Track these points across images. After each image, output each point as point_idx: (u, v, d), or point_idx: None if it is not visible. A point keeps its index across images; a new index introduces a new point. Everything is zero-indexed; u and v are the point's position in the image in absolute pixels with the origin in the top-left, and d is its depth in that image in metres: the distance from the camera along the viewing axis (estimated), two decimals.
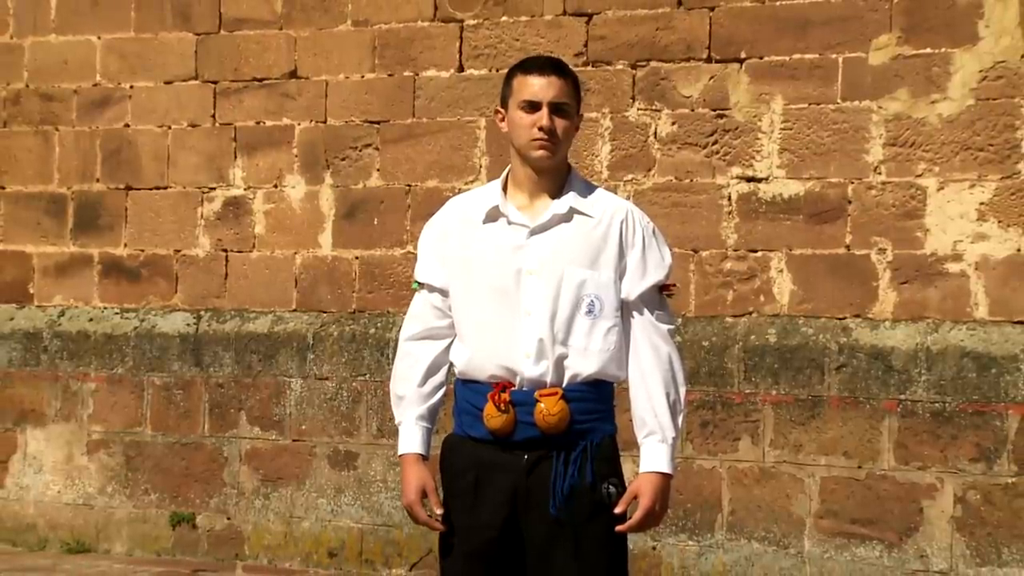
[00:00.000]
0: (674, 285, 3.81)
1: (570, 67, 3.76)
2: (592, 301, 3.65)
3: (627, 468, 3.73)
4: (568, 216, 3.68)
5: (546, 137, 3.64)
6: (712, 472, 6.94)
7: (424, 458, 3.77)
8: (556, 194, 3.70)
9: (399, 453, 3.79)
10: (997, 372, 6.53)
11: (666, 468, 3.65)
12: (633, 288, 3.69)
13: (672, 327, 3.74)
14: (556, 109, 3.65)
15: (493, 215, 3.71)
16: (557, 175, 3.71)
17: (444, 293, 3.76)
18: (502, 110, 3.75)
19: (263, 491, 7.79)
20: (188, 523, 7.92)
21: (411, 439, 3.77)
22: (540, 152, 3.66)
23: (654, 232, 3.76)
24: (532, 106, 3.64)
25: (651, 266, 3.72)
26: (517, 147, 3.70)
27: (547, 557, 3.62)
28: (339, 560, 7.59)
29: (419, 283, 3.81)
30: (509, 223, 3.69)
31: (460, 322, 3.72)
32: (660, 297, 3.73)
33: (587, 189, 3.76)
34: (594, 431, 3.65)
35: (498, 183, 3.76)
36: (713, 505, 6.92)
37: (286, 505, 7.73)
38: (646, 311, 3.70)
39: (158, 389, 8.05)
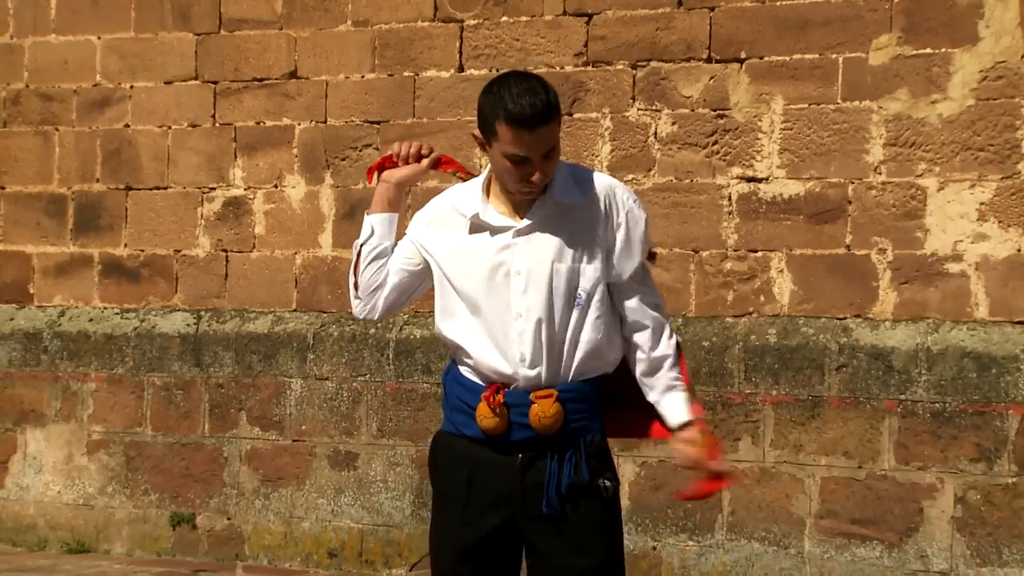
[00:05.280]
0: (655, 251, 3.83)
1: (550, 91, 3.57)
2: (579, 294, 3.64)
3: (626, 468, 3.74)
4: (552, 212, 3.64)
5: (536, 187, 3.60)
6: None
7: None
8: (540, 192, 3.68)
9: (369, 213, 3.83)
10: (997, 372, 6.53)
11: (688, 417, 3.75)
12: (623, 269, 3.69)
13: (660, 302, 3.77)
14: (545, 156, 3.57)
15: (477, 225, 3.68)
16: None
17: (412, 265, 3.81)
18: (481, 136, 3.63)
19: (263, 491, 7.79)
20: (188, 523, 7.92)
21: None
22: (528, 195, 3.64)
23: (636, 203, 3.72)
24: (520, 160, 3.55)
25: (635, 245, 3.70)
26: (501, 182, 3.66)
27: (547, 554, 3.64)
28: (339, 560, 7.59)
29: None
30: (492, 234, 3.66)
31: (453, 327, 3.72)
32: (646, 271, 3.75)
33: (569, 176, 3.69)
34: (587, 429, 3.67)
35: (479, 186, 3.71)
36: (713, 505, 6.92)
37: (286, 505, 7.73)
38: (636, 287, 3.71)
39: (158, 389, 8.05)
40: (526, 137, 3.51)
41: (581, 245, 3.64)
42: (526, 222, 3.64)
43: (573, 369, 3.65)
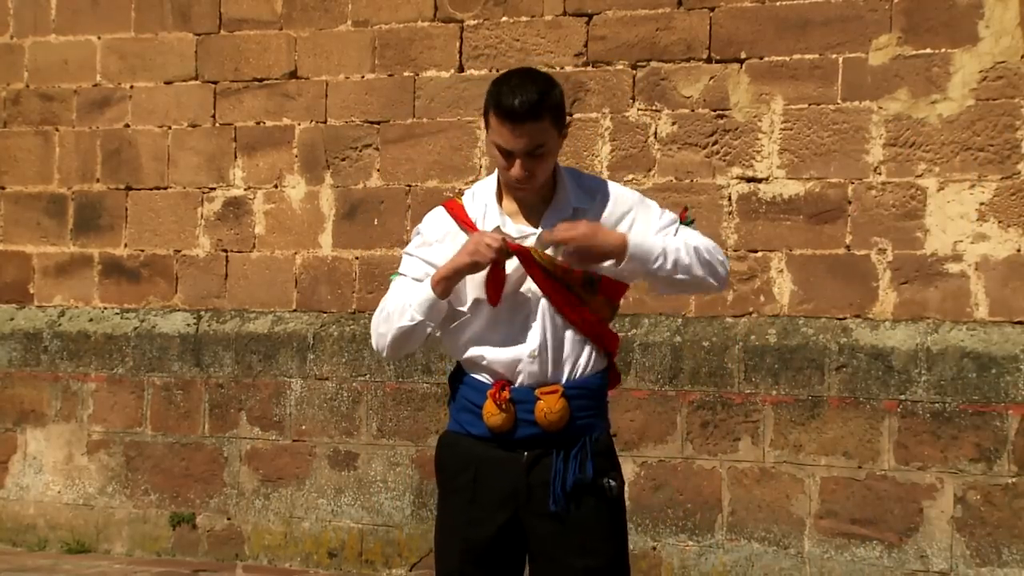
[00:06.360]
0: (685, 210, 3.81)
1: (548, 92, 3.59)
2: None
3: (626, 468, 3.74)
4: (573, 217, 3.66)
5: (521, 182, 3.63)
6: (712, 472, 6.94)
7: None
8: (549, 194, 3.70)
9: (432, 283, 3.63)
10: (997, 372, 6.53)
11: (627, 241, 3.61)
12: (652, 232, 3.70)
13: (713, 244, 3.73)
14: (530, 155, 3.59)
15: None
16: (545, 181, 3.70)
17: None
18: (485, 123, 3.70)
19: (263, 491, 7.79)
20: (188, 523, 7.92)
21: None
22: (517, 192, 3.67)
23: (641, 200, 3.75)
24: (505, 152, 3.60)
25: (652, 222, 3.71)
26: (501, 177, 3.70)
27: (552, 552, 3.65)
28: (339, 560, 7.59)
29: (401, 274, 3.79)
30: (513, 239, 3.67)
31: (463, 323, 3.71)
32: (679, 227, 3.73)
33: (574, 183, 3.73)
34: (592, 427, 3.69)
35: (492, 191, 3.73)
36: (713, 505, 6.93)
37: (286, 505, 7.73)
38: (670, 230, 3.71)
39: (158, 389, 8.05)
40: (510, 130, 3.56)
41: None
42: (542, 230, 3.66)
43: (580, 365, 3.67)
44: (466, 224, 3.70)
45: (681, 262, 3.65)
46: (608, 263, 3.63)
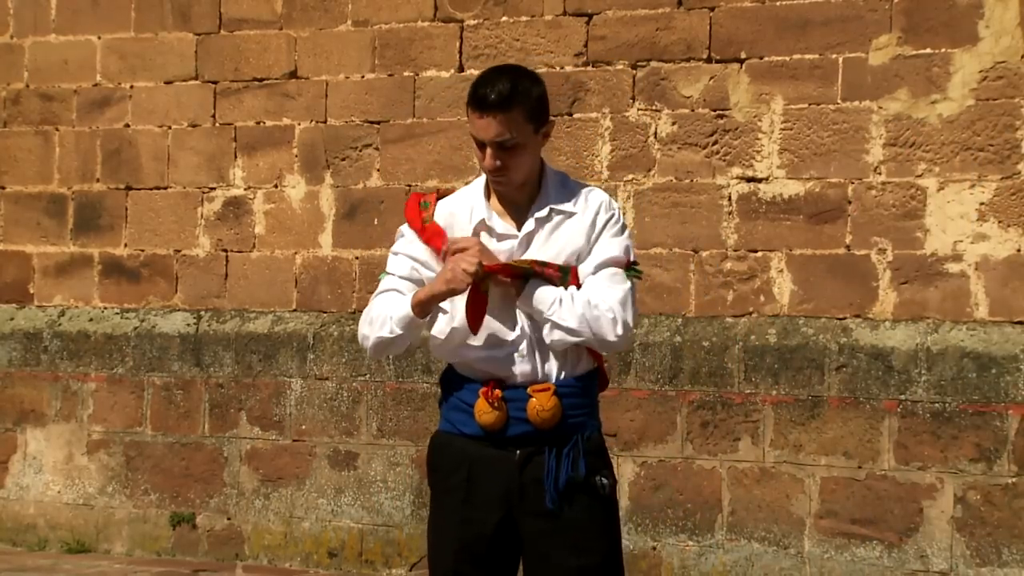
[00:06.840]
0: (635, 263, 3.76)
1: (522, 85, 3.63)
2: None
3: (626, 468, 3.74)
4: (548, 218, 3.70)
5: (493, 173, 3.65)
6: (712, 472, 6.94)
7: None
8: (534, 195, 3.72)
9: (412, 303, 3.63)
10: (997, 372, 6.53)
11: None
12: (591, 262, 3.69)
13: (623, 306, 3.64)
14: (501, 146, 3.62)
15: (481, 229, 3.71)
16: (528, 181, 3.72)
17: (418, 283, 3.72)
18: None
19: (263, 491, 7.79)
20: (188, 523, 7.93)
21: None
22: (495, 185, 3.70)
23: (615, 219, 3.73)
24: (478, 142, 3.65)
25: (607, 244, 3.69)
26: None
27: (545, 551, 3.66)
28: (339, 560, 7.59)
29: (389, 273, 3.77)
30: (499, 240, 3.69)
31: (452, 329, 3.71)
32: (617, 277, 3.68)
33: (561, 185, 3.76)
34: (584, 425, 3.70)
35: (480, 188, 3.76)
36: (713, 505, 6.93)
37: (286, 505, 7.73)
38: (601, 278, 3.67)
39: (158, 389, 8.05)
40: (478, 118, 3.62)
41: (571, 249, 3.69)
42: (528, 228, 3.69)
43: (572, 366, 3.68)
44: (414, 223, 3.71)
45: (572, 311, 3.62)
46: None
